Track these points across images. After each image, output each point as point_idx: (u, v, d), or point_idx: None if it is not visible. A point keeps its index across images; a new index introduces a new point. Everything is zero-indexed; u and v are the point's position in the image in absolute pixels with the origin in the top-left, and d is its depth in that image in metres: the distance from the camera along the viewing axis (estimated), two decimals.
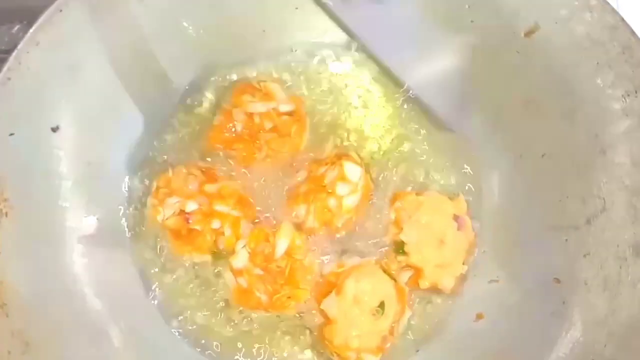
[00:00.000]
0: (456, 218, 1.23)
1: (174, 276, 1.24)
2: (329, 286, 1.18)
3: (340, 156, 1.26)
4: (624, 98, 1.06)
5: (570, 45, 1.12)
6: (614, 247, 1.07)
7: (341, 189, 1.21)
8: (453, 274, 1.21)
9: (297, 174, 1.29)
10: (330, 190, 1.21)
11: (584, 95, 1.12)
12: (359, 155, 1.29)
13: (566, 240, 1.15)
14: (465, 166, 1.35)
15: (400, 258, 1.21)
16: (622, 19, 1.05)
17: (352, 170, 1.23)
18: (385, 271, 1.20)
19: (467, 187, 1.34)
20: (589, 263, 1.10)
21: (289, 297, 1.17)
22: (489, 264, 1.26)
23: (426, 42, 1.32)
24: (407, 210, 1.23)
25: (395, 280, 1.19)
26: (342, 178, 1.22)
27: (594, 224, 1.11)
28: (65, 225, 1.14)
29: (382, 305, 1.14)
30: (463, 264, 1.23)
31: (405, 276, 1.22)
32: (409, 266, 1.21)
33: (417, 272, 1.20)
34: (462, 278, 1.24)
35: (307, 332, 1.23)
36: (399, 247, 1.21)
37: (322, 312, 1.17)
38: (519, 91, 1.25)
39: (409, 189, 1.29)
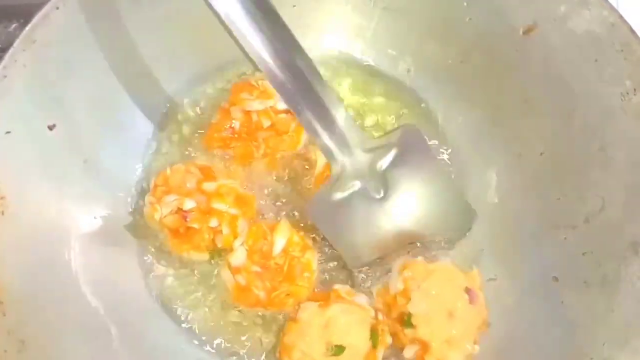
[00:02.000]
0: (468, 291, 1.16)
1: (172, 274, 1.24)
2: (323, 298, 1.16)
3: None
4: (623, 96, 1.05)
5: (568, 43, 1.12)
6: (612, 246, 1.07)
7: None
8: (462, 352, 1.13)
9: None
10: None
11: (582, 93, 1.12)
12: None
13: (565, 238, 1.15)
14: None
15: (407, 331, 1.13)
16: (621, 16, 1.05)
17: None
18: (374, 330, 1.14)
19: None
20: (587, 262, 1.10)
21: (288, 295, 1.16)
22: (487, 262, 1.25)
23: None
24: (416, 279, 1.15)
25: (375, 347, 1.13)
26: None
27: (593, 223, 1.11)
28: (62, 223, 1.13)
29: (340, 349, 1.09)
30: (474, 343, 1.14)
31: (410, 351, 1.14)
32: (415, 340, 1.13)
33: (424, 347, 1.12)
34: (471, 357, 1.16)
35: None
36: (407, 319, 1.13)
37: (296, 309, 1.16)
38: (517, 89, 1.25)
39: (419, 258, 1.22)
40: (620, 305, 1.03)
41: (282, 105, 1.26)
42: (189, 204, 1.16)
